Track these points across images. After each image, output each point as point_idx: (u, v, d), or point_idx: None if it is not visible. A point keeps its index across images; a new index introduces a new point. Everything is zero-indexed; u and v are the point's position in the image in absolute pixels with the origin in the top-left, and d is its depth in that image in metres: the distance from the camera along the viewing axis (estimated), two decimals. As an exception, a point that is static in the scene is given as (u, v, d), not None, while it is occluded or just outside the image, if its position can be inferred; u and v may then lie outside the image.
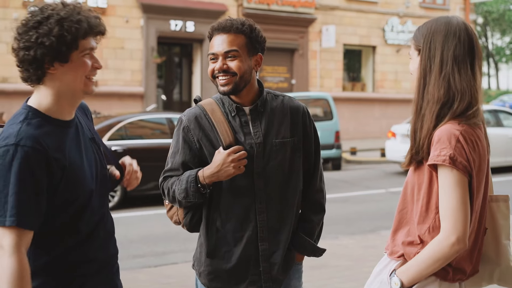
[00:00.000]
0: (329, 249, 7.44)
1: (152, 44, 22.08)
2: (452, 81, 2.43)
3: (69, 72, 2.40)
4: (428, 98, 2.46)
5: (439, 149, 2.37)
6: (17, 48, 2.39)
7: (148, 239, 9.11)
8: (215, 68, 2.94)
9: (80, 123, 2.58)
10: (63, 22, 2.36)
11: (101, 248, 2.57)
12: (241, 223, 2.97)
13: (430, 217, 2.46)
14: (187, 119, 3.02)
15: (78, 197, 2.44)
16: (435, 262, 2.39)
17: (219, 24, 2.97)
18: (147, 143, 12.08)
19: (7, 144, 2.28)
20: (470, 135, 2.40)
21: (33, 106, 2.42)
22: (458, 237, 2.35)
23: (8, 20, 19.58)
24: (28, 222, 2.27)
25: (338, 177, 15.87)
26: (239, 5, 23.69)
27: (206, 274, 3.05)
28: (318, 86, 25.47)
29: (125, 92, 21.49)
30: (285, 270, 3.08)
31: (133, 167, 2.74)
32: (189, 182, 2.92)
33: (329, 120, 17.07)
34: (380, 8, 27.01)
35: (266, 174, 2.97)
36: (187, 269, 6.97)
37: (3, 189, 2.25)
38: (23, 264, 2.24)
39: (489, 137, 2.60)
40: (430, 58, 2.48)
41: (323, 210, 3.19)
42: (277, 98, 3.11)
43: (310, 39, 25.42)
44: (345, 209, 11.38)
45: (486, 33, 52.39)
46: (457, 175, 2.35)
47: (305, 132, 3.10)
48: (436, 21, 2.54)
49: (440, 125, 2.42)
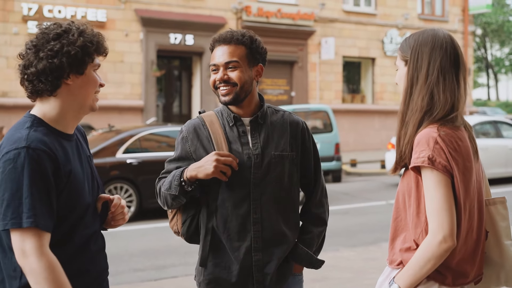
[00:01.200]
0: (330, 262, 7.47)
1: (152, 58, 22.14)
2: (435, 91, 2.52)
3: (82, 86, 2.48)
4: (412, 107, 2.55)
5: (418, 152, 2.45)
6: (36, 58, 2.41)
7: (148, 253, 9.09)
8: (216, 78, 3.00)
9: (79, 139, 2.62)
10: (84, 34, 2.46)
11: (93, 262, 2.57)
12: (239, 233, 2.98)
13: (421, 221, 2.51)
14: (187, 129, 3.07)
15: (75, 209, 2.45)
16: (426, 262, 2.44)
17: (220, 35, 3.04)
18: (162, 155, 12.13)
19: (18, 147, 2.29)
20: (449, 137, 2.47)
21: (37, 115, 2.45)
22: (445, 235, 2.41)
23: (8, 34, 19.67)
24: (45, 223, 2.28)
25: (339, 189, 15.85)
26: (238, 18, 23.77)
27: (206, 283, 3.05)
28: (318, 98, 25.51)
29: (125, 105, 21.53)
30: (280, 282, 3.08)
31: (121, 203, 2.70)
32: (174, 176, 2.96)
33: (329, 132, 17.06)
34: (379, 20, 27.10)
35: (264, 185, 2.99)
36: (187, 282, 6.95)
37: (16, 191, 2.26)
38: (54, 262, 2.26)
39: (489, 148, 2.68)
40: (417, 69, 2.56)
41: (324, 223, 3.19)
42: (277, 113, 3.15)
43: (310, 52, 25.48)
44: (346, 221, 11.36)
45: (485, 44, 52.56)
46: (437, 175, 2.43)
47: (304, 147, 3.13)
48: (422, 34, 2.62)
49: (420, 130, 2.51)
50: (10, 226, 2.25)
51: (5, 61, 19.39)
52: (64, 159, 2.40)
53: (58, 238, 2.41)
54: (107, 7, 21.38)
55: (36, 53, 2.41)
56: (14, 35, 19.60)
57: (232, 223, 2.98)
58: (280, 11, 24.37)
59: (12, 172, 2.27)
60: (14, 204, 2.25)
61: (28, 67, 2.42)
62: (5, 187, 2.27)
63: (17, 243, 2.26)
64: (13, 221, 2.25)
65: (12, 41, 19.60)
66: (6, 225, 2.25)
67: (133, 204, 11.96)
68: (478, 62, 51.91)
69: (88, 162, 2.63)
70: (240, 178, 2.95)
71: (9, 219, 2.25)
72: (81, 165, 2.53)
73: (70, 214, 2.43)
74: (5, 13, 19.86)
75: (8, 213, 2.25)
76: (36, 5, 20.12)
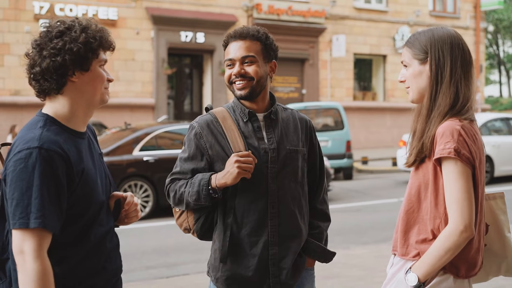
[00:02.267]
0: (342, 259, 7.47)
1: (163, 56, 22.18)
2: (459, 88, 2.61)
3: (89, 83, 2.46)
4: (440, 103, 2.61)
5: (443, 143, 2.51)
6: (40, 57, 2.41)
7: (160, 250, 9.12)
8: (233, 73, 3.02)
9: (90, 137, 2.62)
10: (87, 30, 2.44)
11: (109, 259, 2.57)
12: (257, 228, 2.99)
13: (440, 212, 2.56)
14: (199, 125, 3.06)
15: (90, 207, 2.45)
16: (446, 252, 2.48)
17: (235, 31, 3.06)
18: (178, 153, 12.08)
19: (30, 147, 2.29)
20: (469, 130, 2.56)
21: (49, 114, 2.45)
22: (466, 225, 2.47)
23: (20, 33, 19.77)
24: (52, 224, 2.28)
25: (350, 187, 15.83)
26: (249, 16, 23.77)
27: (224, 279, 3.05)
28: (329, 95, 25.48)
29: (136, 103, 21.59)
30: (295, 276, 3.10)
31: (134, 200, 2.70)
32: (201, 186, 2.94)
33: (340, 130, 17.02)
34: (391, 17, 27.03)
35: (280, 180, 3.01)
36: (199, 279, 6.97)
37: (26, 191, 2.26)
38: (47, 268, 2.25)
39: (502, 145, 2.76)
40: (440, 67, 2.63)
41: (328, 219, 3.26)
42: (286, 110, 3.19)
43: (321, 49, 25.45)
44: (357, 219, 11.35)
45: (497, 41, 52.28)
46: (461, 167, 2.49)
47: (311, 144, 3.19)
48: (435, 32, 2.69)
49: (441, 122, 2.57)
50: (18, 226, 2.25)
51: (17, 59, 19.49)
52: (76, 159, 2.40)
53: (74, 236, 2.42)
54: (118, 5, 21.44)
55: (40, 52, 2.41)
56: (26, 34, 19.68)
57: (250, 218, 2.99)
58: (291, 8, 24.35)
59: (23, 171, 2.27)
60: (23, 203, 2.25)
61: (34, 66, 2.42)
62: (15, 187, 2.28)
63: (17, 241, 2.26)
64: (21, 221, 2.25)
65: (24, 40, 19.69)
66: (15, 225, 2.26)
67: (150, 201, 12.06)
68: (490, 59, 51.67)
69: (101, 160, 2.62)
70: (257, 173, 2.95)
71: (17, 218, 2.25)
72: (94, 163, 2.53)
73: (85, 212, 2.43)
74: (17, 12, 19.98)
75: (17, 212, 2.26)
76: (47, 4, 20.23)
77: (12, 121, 19.33)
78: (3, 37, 19.79)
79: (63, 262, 2.40)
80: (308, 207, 3.16)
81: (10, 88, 19.82)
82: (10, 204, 2.29)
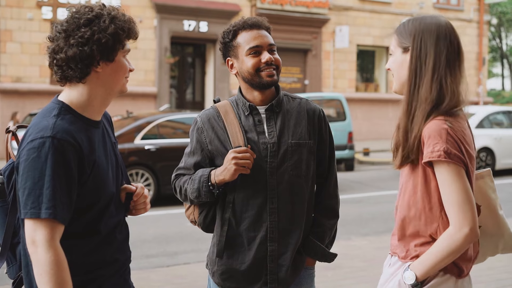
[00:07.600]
0: (343, 250, 7.46)
1: (166, 44, 22.13)
2: (444, 84, 2.46)
3: (112, 73, 2.43)
4: (421, 99, 2.47)
5: (432, 145, 2.39)
6: (65, 44, 2.36)
7: (160, 239, 9.13)
8: (263, 60, 2.94)
9: (105, 126, 2.59)
10: (116, 21, 2.40)
11: (120, 250, 2.57)
12: (255, 223, 2.96)
13: (436, 215, 2.48)
14: (201, 120, 3.04)
15: (100, 198, 2.43)
16: (449, 255, 2.41)
17: (251, 20, 3.01)
18: (179, 142, 12.27)
19: (43, 136, 2.27)
20: (456, 127, 2.42)
21: (65, 102, 2.42)
22: (471, 228, 2.37)
23: (23, 20, 19.72)
24: (63, 215, 2.27)
25: (351, 178, 15.83)
26: (252, 6, 23.70)
27: (220, 273, 3.05)
28: (331, 86, 25.43)
29: (138, 92, 21.56)
30: (294, 274, 3.05)
31: (144, 192, 2.68)
32: (201, 182, 2.93)
33: (342, 121, 17.03)
34: (394, 9, 26.94)
35: (280, 174, 2.95)
36: (199, 269, 6.98)
37: (38, 180, 2.25)
38: (61, 258, 2.24)
39: (503, 138, 2.66)
40: (421, 59, 2.49)
41: (336, 216, 3.16)
42: (294, 101, 3.11)
43: (324, 40, 25.39)
44: (358, 210, 11.35)
45: (500, 34, 52.09)
46: (454, 168, 2.38)
47: (321, 135, 3.09)
48: (423, 20, 2.55)
49: (426, 122, 2.44)
50: (29, 216, 2.24)
51: (19, 46, 19.44)
52: (88, 150, 2.38)
53: (83, 227, 2.41)
54: (121, -7, 21.37)
55: (66, 39, 2.36)
56: (28, 21, 19.64)
57: (248, 213, 2.96)
58: (295, -2, 24.28)
59: (36, 161, 2.25)
60: (35, 193, 2.24)
61: (58, 52, 2.38)
62: (27, 176, 2.26)
63: (29, 232, 2.25)
64: (32, 211, 2.24)
65: (26, 27, 19.65)
66: (26, 214, 2.25)
67: (151, 189, 12.08)
68: (493, 52, 51.48)
69: (113, 149, 2.60)
70: (256, 168, 2.91)
71: (29, 208, 2.24)
72: (106, 153, 2.50)
73: (95, 203, 2.42)
74: (20, -2, 19.91)
75: (29, 202, 2.24)
76: (50, -9, 20.16)
77: (13, 108, 19.30)
78: (6, 23, 19.70)
79: (73, 252, 2.39)
80: (312, 202, 3.09)
81: (12, 75, 19.75)
82: (22, 193, 2.27)
